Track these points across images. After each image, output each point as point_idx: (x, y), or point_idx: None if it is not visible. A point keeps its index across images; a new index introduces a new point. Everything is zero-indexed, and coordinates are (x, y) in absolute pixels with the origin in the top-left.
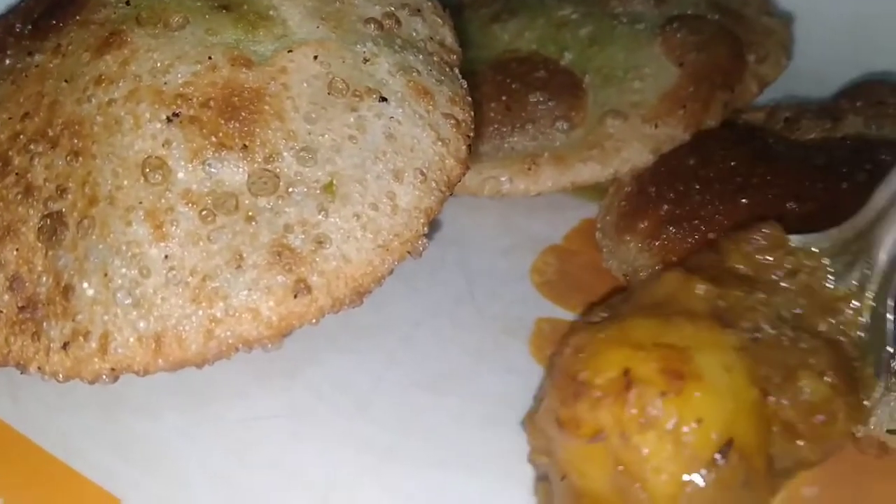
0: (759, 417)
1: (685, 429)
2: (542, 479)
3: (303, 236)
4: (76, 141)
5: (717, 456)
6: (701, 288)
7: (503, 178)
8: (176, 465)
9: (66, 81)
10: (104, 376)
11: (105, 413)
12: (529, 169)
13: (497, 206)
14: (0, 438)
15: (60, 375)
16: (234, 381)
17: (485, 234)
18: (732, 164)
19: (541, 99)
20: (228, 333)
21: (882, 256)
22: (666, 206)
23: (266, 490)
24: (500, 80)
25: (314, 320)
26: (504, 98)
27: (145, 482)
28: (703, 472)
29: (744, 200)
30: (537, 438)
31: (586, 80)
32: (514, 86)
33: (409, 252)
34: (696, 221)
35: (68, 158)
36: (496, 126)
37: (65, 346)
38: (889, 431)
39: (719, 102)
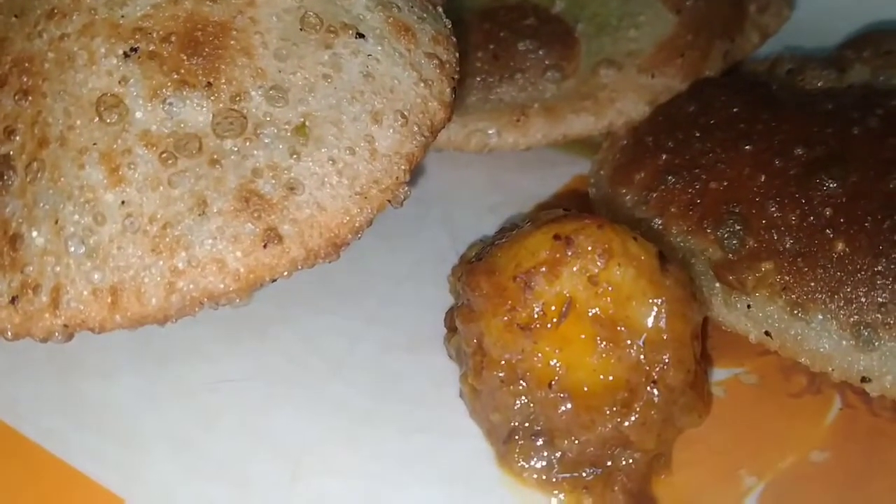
0: None
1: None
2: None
3: (273, 181)
4: (25, 79)
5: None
6: None
7: (490, 131)
8: (133, 430)
9: (15, 17)
10: (57, 334)
11: (57, 375)
12: (518, 121)
13: (484, 162)
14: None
15: (9, 333)
16: (199, 340)
17: (471, 190)
18: (735, 110)
19: (530, 48)
20: (192, 286)
21: None
22: (665, 156)
23: (234, 457)
24: (488, 28)
25: (286, 273)
26: (491, 47)
27: (100, 448)
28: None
29: (747, 147)
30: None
31: (578, 29)
32: (501, 34)
33: (389, 201)
34: (698, 170)
35: (17, 98)
36: (483, 76)
37: (13, 300)
38: None
39: (719, 52)
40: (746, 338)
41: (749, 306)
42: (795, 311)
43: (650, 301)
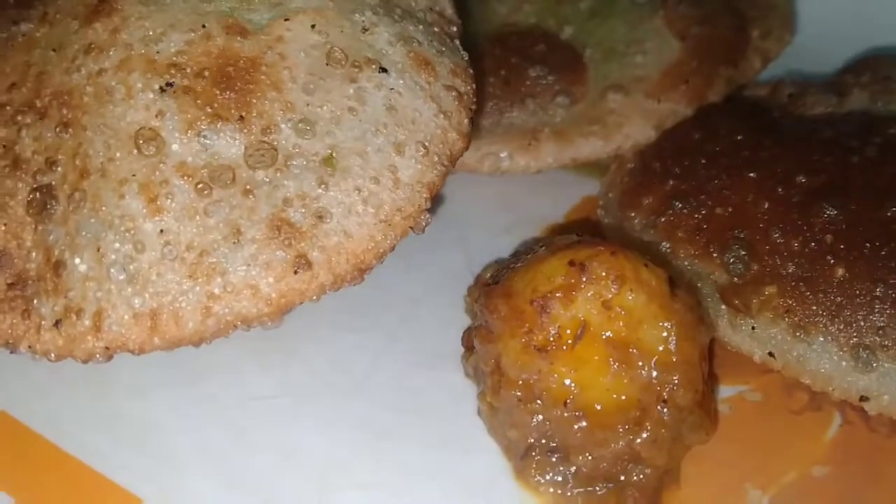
0: None
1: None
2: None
3: (302, 210)
4: (66, 112)
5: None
6: None
7: (503, 155)
8: (168, 445)
9: (54, 51)
10: (98, 355)
11: (94, 392)
12: (530, 145)
13: (497, 184)
14: (13, 436)
15: (52, 354)
16: (229, 358)
17: (484, 211)
18: (739, 138)
19: (541, 73)
20: (227, 310)
21: None
22: (671, 182)
23: (262, 470)
24: (499, 53)
25: (315, 297)
26: (503, 72)
27: (135, 463)
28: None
29: (752, 174)
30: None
31: (587, 54)
32: (513, 60)
33: (411, 227)
34: (703, 196)
35: (58, 130)
36: (495, 101)
37: (57, 323)
38: None
39: (722, 77)
40: (751, 357)
41: (753, 328)
42: (798, 334)
43: (660, 324)
